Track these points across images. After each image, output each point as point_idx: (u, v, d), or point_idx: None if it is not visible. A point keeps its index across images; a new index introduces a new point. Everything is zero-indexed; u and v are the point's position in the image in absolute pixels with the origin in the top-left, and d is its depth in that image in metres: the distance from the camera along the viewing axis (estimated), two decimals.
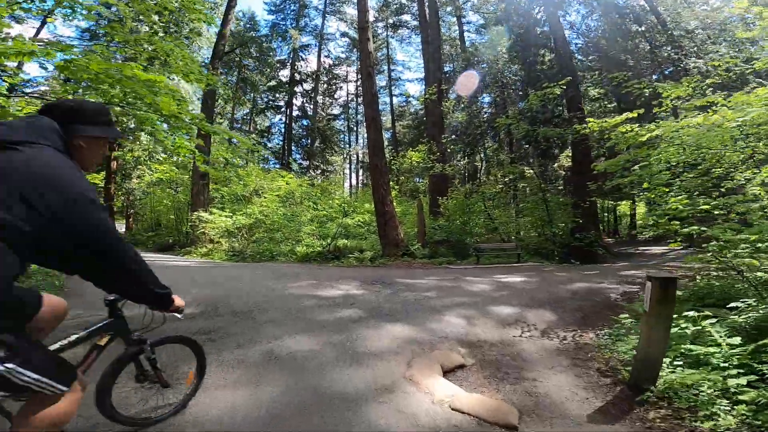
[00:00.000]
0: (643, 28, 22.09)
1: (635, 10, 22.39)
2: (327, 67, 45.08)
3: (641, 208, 32.99)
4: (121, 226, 30.66)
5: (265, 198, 20.63)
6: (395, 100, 46.04)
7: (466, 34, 34.05)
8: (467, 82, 21.68)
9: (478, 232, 17.86)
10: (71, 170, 1.49)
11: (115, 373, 2.19)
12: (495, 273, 10.72)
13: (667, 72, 21.70)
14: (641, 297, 7.80)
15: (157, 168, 24.78)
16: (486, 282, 9.07)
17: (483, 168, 24.19)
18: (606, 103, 26.16)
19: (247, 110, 44.93)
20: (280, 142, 42.27)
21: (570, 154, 29.46)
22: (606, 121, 8.90)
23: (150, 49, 7.62)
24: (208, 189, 19.29)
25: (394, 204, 24.22)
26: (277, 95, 42.08)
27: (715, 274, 7.64)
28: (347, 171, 49.63)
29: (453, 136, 21.93)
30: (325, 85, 46.09)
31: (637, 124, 8.42)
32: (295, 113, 43.13)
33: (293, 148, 40.96)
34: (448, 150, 19.42)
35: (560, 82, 14.37)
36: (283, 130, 41.49)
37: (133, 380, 2.36)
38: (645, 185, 9.53)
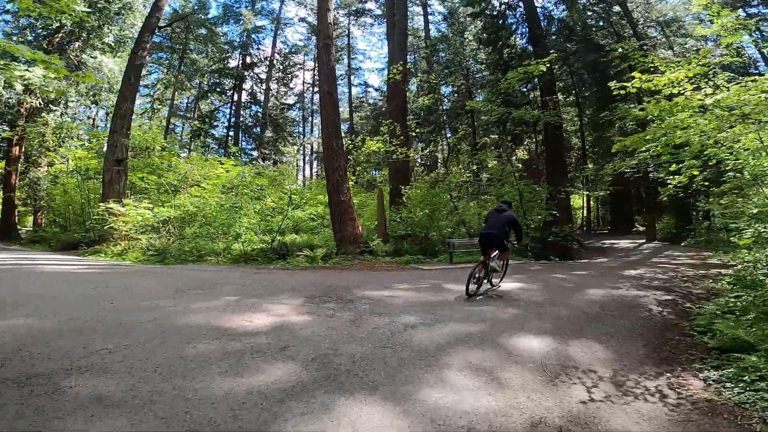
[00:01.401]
0: (604, 24, 20.64)
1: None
2: (283, 54, 41.07)
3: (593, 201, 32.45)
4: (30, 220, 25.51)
5: (203, 188, 17.06)
6: (354, 90, 42.86)
7: (431, 25, 31.68)
8: None
9: (444, 225, 15.37)
10: (516, 217, 6.81)
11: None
12: None
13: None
14: (699, 311, 5.59)
15: (72, 154, 20.28)
16: None
17: (446, 158, 21.90)
18: (565, 96, 24.74)
19: (193, 97, 39.94)
20: (227, 131, 37.86)
21: (528, 148, 28.01)
22: (653, 77, 6.54)
23: None
24: (125, 177, 15.44)
25: (351, 194, 21.52)
26: (225, 80, 37.52)
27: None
28: (302, 163, 45.97)
29: (415, 123, 19.41)
30: (280, 73, 42.03)
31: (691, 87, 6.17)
32: (245, 99, 38.86)
33: (242, 136, 36.78)
34: (413, 134, 16.85)
35: (544, 59, 12.21)
36: (228, 116, 36.88)
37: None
38: (673, 167, 7.45)
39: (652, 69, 9.39)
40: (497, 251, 6.35)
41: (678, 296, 6.42)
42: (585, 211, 32.42)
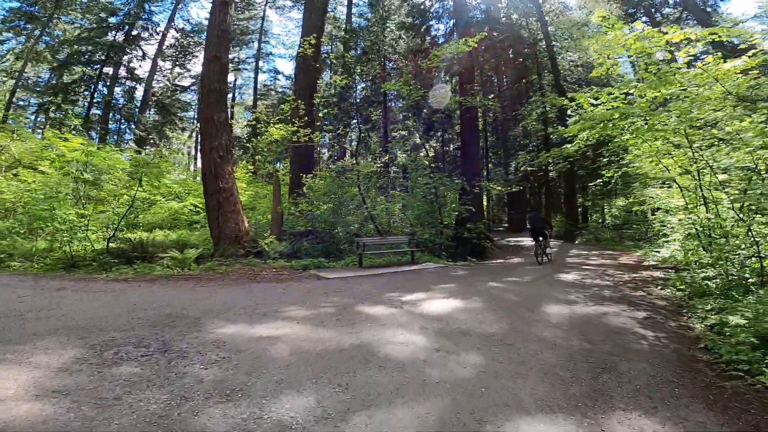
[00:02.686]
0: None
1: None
2: (181, 30, 34.65)
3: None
4: None
5: (42, 172, 12.27)
6: (263, 76, 37.94)
7: (353, 17, 28.92)
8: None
9: (352, 221, 12.96)
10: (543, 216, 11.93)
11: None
12: (401, 288, 6.06)
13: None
14: (707, 337, 3.97)
15: None
16: (406, 317, 4.29)
17: (355, 149, 19.63)
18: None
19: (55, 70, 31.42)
20: (98, 111, 30.48)
21: (434, 147, 27.08)
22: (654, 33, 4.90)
23: None
24: None
25: (239, 182, 18.02)
26: (100, 52, 30.07)
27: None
28: (194, 151, 39.42)
29: (323, 104, 16.68)
30: (177, 51, 35.54)
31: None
32: (123, 75, 31.79)
33: (116, 116, 29.90)
34: (320, 116, 14.21)
35: (471, 38, 10.56)
36: (92, 91, 29.47)
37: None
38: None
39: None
40: (542, 238, 9.65)
41: (649, 311, 4.91)
42: (485, 210, 32.84)
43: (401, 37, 20.67)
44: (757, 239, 5.04)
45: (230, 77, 37.06)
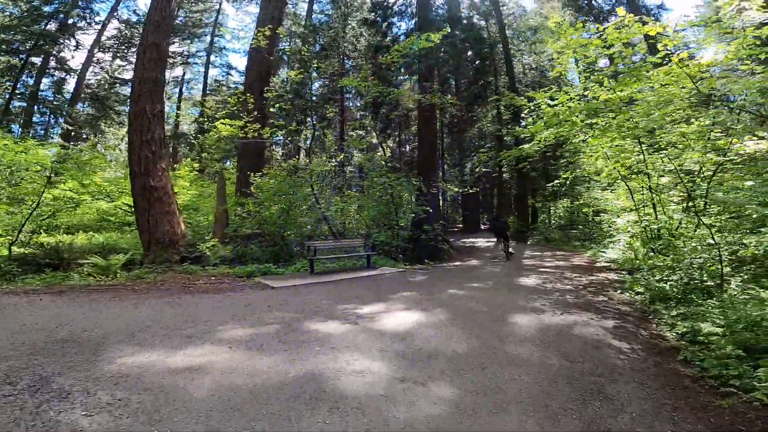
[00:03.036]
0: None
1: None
2: (124, 21, 31.55)
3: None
4: None
5: None
6: (215, 71, 35.55)
7: (314, 15, 27.83)
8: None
9: (304, 223, 12.08)
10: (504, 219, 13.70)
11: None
12: (357, 298, 5.49)
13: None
14: (685, 347, 3.66)
15: None
16: (363, 336, 3.73)
17: (309, 148, 18.64)
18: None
19: None
20: (23, 103, 27.08)
21: (390, 147, 26.70)
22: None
23: None
24: None
25: (181, 181, 16.59)
26: (27, 41, 26.70)
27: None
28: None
29: (277, 97, 15.54)
30: (119, 43, 32.39)
31: None
32: (53, 66, 28.53)
33: (41, 108, 26.68)
34: (271, 110, 13.20)
35: (434, 34, 10.15)
36: (14, 82, 26.17)
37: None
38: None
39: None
40: (505, 238, 11.32)
41: (617, 319, 4.67)
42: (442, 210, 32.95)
43: (362, 35, 20.08)
44: (717, 242, 4.95)
45: (179, 71, 34.65)
